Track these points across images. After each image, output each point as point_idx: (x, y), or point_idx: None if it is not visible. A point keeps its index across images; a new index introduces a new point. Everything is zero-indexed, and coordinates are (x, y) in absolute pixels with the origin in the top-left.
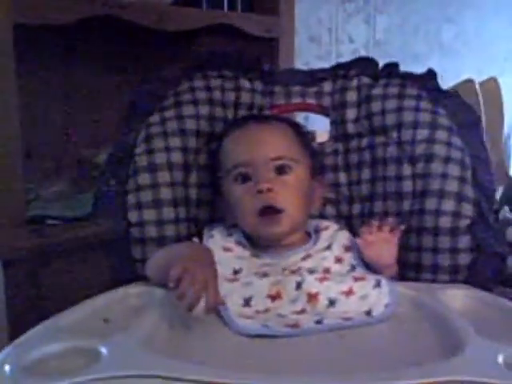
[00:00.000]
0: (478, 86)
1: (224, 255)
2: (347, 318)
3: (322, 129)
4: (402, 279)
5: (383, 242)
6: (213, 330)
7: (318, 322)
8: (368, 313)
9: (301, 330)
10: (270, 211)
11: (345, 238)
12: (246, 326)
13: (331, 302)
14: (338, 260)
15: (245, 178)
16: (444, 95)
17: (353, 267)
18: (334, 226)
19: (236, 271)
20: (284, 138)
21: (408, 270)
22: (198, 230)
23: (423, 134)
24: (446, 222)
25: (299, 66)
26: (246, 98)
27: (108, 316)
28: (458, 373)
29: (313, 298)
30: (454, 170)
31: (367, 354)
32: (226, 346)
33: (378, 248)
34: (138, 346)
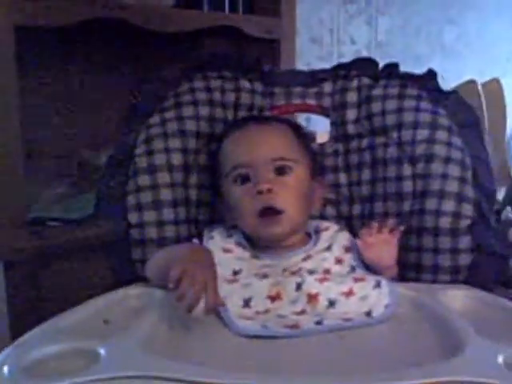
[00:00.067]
0: (481, 87)
1: (224, 256)
2: (347, 319)
3: (322, 129)
4: (402, 280)
5: (383, 243)
6: (212, 331)
7: (318, 322)
8: (368, 313)
9: (301, 330)
10: (270, 212)
11: (345, 238)
12: (246, 327)
13: (331, 302)
14: (338, 261)
15: (245, 178)
16: (444, 95)
17: (353, 268)
18: (334, 227)
19: (236, 272)
20: (284, 139)
21: (408, 270)
22: (197, 231)
23: (423, 134)
24: (446, 222)
25: (301, 67)
26: (246, 98)
27: (108, 317)
28: (458, 373)
29: (313, 298)
30: (454, 170)
31: (367, 355)
32: (225, 346)
33: (378, 250)
34: (138, 347)
